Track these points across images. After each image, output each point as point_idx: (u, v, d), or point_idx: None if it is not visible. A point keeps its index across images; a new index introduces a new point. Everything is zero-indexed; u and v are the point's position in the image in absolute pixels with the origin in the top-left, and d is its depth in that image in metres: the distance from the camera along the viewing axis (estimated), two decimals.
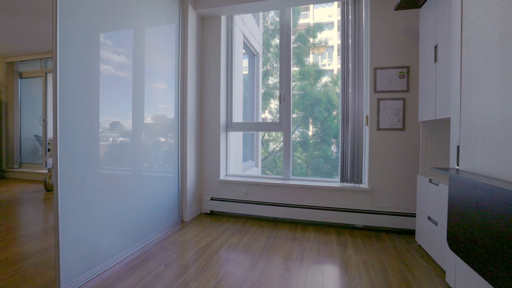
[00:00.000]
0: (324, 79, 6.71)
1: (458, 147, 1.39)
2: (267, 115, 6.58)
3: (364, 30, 2.40)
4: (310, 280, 1.54)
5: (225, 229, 2.35)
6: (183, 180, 2.54)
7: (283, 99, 2.71)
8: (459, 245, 1.26)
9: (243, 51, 3.75)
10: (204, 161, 2.82)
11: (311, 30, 7.02)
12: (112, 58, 1.74)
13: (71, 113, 1.45)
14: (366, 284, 1.50)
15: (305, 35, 6.97)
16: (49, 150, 3.78)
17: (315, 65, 7.02)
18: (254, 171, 4.20)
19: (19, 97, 4.88)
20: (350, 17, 2.41)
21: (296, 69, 6.68)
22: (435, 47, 1.75)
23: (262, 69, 4.48)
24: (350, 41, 2.41)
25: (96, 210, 1.61)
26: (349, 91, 2.41)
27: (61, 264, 1.38)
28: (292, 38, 2.73)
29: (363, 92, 2.39)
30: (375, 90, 2.31)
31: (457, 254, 1.28)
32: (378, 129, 2.31)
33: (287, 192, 2.56)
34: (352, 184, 2.42)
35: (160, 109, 2.25)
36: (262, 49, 4.56)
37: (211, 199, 2.73)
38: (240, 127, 2.93)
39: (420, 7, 2.02)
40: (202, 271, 1.63)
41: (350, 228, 2.37)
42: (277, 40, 6.43)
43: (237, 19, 3.08)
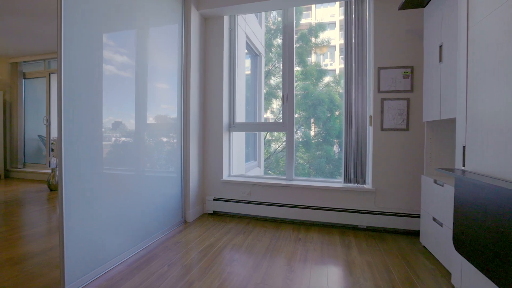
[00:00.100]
0: (326, 79, 6.69)
1: (464, 147, 1.38)
2: (269, 115, 6.57)
3: (367, 29, 2.39)
4: (314, 281, 1.54)
5: (228, 229, 2.34)
6: (186, 180, 2.54)
7: (286, 99, 2.70)
8: (465, 247, 1.25)
9: (246, 51, 3.75)
10: (207, 161, 2.82)
11: (313, 30, 7.00)
12: (115, 58, 1.74)
13: (75, 112, 1.45)
14: (371, 285, 1.49)
15: (307, 34, 6.94)
16: (52, 150, 3.79)
17: (317, 64, 6.99)
18: (256, 171, 4.19)
19: (23, 98, 4.91)
20: (353, 17, 2.40)
21: (298, 69, 6.66)
22: (440, 46, 1.73)
23: (264, 69, 4.48)
24: (353, 41, 2.40)
25: (100, 210, 1.61)
26: (353, 91, 2.40)
27: (65, 264, 1.38)
28: (294, 38, 2.72)
29: (366, 92, 2.38)
30: (379, 90, 2.30)
31: (463, 256, 1.27)
32: (382, 129, 2.30)
33: (290, 192, 2.56)
34: (356, 184, 2.41)
35: (163, 109, 2.25)
36: (264, 49, 4.55)
37: (214, 199, 2.73)
38: (243, 127, 2.93)
39: (424, 6, 2.00)
40: (206, 271, 1.63)
41: (354, 229, 2.36)
42: (279, 40, 6.42)
43: (239, 19, 3.07)
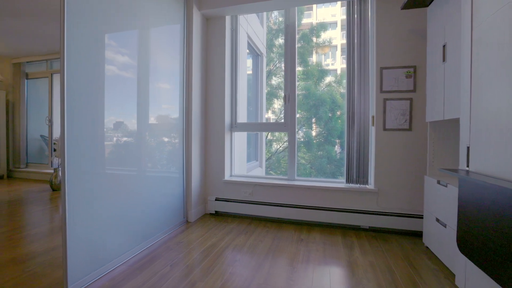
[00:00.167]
0: (328, 79, 6.68)
1: (468, 148, 1.37)
2: (270, 115, 6.56)
3: (369, 29, 2.38)
4: (317, 282, 1.53)
5: (230, 229, 2.34)
6: (188, 180, 2.54)
7: (287, 99, 2.70)
8: (469, 248, 1.24)
9: (247, 51, 3.75)
10: (209, 162, 2.82)
11: (315, 29, 6.98)
12: (117, 58, 1.74)
13: (78, 112, 1.46)
14: (374, 286, 1.49)
15: (308, 34, 6.93)
16: (55, 150, 3.81)
17: (318, 64, 6.98)
18: (258, 171, 4.19)
19: (26, 98, 4.93)
20: (355, 17, 2.39)
21: (300, 69, 6.65)
22: (444, 46, 1.72)
23: (265, 69, 4.47)
24: (355, 41, 2.39)
25: (102, 210, 1.61)
26: (355, 91, 2.39)
27: (68, 264, 1.38)
28: (296, 38, 2.72)
29: (369, 92, 2.37)
30: (381, 90, 2.29)
31: (467, 257, 1.26)
32: (385, 129, 2.29)
33: (292, 192, 2.55)
34: (358, 185, 2.40)
35: (165, 109, 2.26)
36: (265, 49, 4.55)
37: (216, 200, 2.72)
38: (244, 127, 2.93)
39: (427, 6, 1.99)
40: (208, 271, 1.63)
41: (356, 229, 2.35)
42: (280, 40, 6.41)
43: (241, 19, 3.07)
